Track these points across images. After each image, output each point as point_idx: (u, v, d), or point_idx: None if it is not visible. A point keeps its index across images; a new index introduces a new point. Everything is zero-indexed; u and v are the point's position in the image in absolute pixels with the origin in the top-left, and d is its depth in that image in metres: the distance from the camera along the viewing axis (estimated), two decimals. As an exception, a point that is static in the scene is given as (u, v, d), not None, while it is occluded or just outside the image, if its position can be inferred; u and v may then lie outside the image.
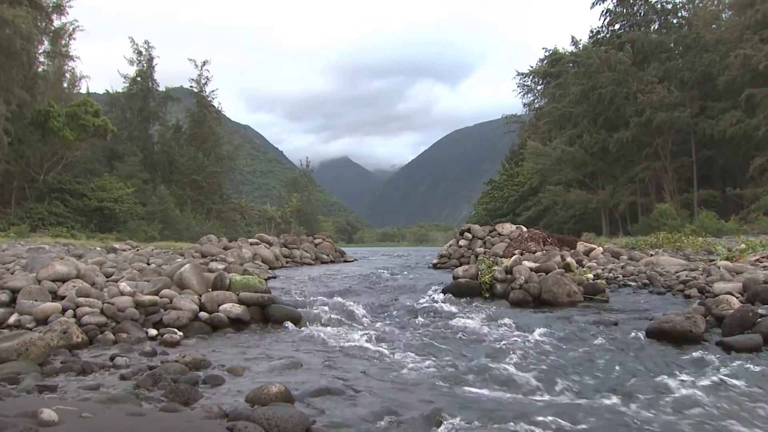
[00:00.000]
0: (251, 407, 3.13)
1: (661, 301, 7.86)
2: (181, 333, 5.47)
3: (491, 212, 56.95)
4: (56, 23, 40.44)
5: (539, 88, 61.78)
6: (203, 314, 6.02)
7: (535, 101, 62.68)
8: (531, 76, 62.01)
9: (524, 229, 17.52)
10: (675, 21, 47.98)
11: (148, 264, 11.07)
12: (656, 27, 48.46)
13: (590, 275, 9.55)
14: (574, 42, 55.80)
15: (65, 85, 44.90)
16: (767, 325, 4.99)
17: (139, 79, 54.80)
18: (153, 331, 5.44)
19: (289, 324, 6.20)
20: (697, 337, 5.01)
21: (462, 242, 17.31)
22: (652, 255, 13.12)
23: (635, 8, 48.90)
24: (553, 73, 56.43)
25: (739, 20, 38.26)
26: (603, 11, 50.12)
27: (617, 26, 49.99)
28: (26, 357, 4.06)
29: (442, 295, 8.63)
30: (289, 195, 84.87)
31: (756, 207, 32.97)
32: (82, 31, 42.18)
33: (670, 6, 47.98)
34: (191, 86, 60.05)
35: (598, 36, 51.11)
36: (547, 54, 59.61)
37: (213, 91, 60.88)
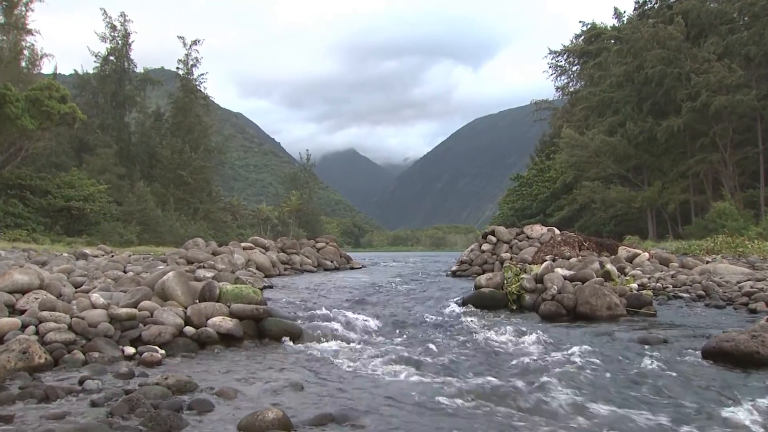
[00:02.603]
0: (243, 437, 3.12)
1: (719, 316, 7.80)
2: (163, 351, 5.47)
3: (519, 212, 56.94)
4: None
5: (575, 69, 61.53)
6: (189, 329, 6.03)
7: (570, 84, 62.50)
8: (565, 55, 61.68)
9: (557, 231, 17.50)
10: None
11: (125, 272, 11.14)
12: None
13: (634, 285, 9.52)
14: (617, 14, 55.47)
15: (23, 64, 44.48)
16: None
17: (112, 58, 54.98)
18: (130, 350, 5.44)
19: (287, 340, 6.22)
20: (766, 359, 4.94)
21: (485, 246, 17.34)
22: (708, 262, 13.05)
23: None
24: (591, 51, 56.08)
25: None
26: (650, -23, 49.93)
27: (668, -6, 49.62)
28: (-25, 382, 4.03)
29: (462, 307, 8.64)
30: (287, 193, 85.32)
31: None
32: (41, 1, 41.95)
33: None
34: (177, 68, 60.29)
35: (645, 7, 50.75)
36: (584, 29, 59.32)
37: (202, 74, 60.88)
